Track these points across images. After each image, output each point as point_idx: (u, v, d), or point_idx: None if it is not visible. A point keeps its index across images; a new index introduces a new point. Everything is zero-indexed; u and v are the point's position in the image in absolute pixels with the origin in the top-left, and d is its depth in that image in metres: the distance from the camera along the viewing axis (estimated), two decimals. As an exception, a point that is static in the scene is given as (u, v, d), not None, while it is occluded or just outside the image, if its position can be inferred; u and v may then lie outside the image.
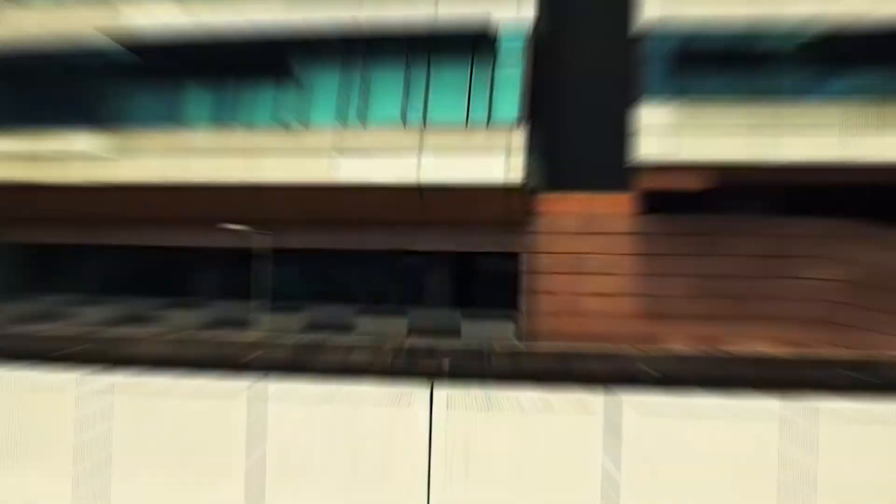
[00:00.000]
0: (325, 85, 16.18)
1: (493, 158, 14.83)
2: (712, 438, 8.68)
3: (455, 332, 16.22)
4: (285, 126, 15.89)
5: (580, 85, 16.12)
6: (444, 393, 9.19)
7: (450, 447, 9.02)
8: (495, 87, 15.31)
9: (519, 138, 14.86)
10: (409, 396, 9.20)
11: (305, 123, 15.79)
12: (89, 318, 17.71)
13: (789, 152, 14.06)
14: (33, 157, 16.67)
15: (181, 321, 17.20)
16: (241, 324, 16.54)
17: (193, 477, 9.35)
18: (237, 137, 15.96)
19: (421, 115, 15.35)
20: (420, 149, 15.03)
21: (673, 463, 8.69)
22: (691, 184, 14.46)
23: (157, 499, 9.32)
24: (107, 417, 9.63)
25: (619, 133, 15.26)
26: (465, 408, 9.15)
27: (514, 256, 16.13)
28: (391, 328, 16.14)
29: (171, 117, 16.61)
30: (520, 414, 9.03)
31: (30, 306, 18.11)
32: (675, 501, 8.51)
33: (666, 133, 14.35)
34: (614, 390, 9.04)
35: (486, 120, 15.13)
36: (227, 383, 9.65)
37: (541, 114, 15.97)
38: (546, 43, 16.06)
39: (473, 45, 15.41)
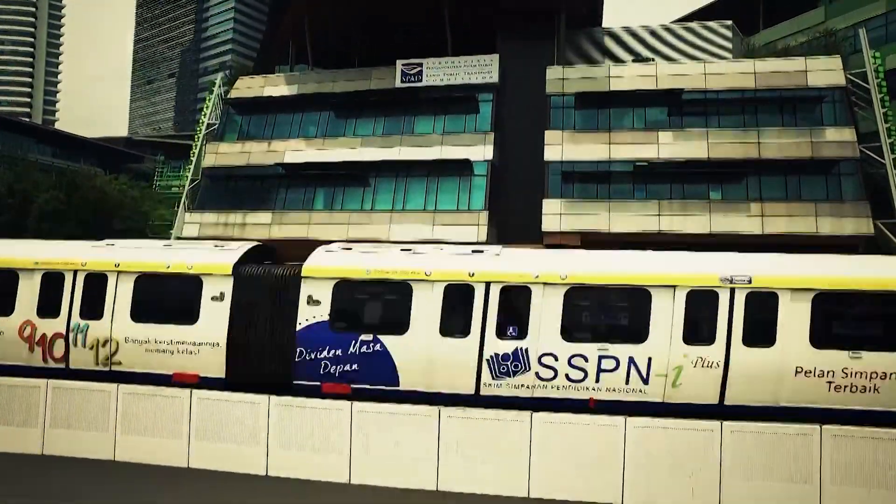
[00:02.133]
0: (385, 187, 30.77)
1: (471, 228, 28.74)
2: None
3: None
4: (363, 209, 30.55)
5: (516, 188, 30.04)
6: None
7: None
8: (471, 191, 29.39)
9: (484, 217, 28.73)
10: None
11: (374, 209, 30.38)
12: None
13: (624, 227, 27.22)
14: (235, 225, 32.02)
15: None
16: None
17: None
18: (339, 215, 30.65)
19: (434, 204, 29.61)
20: (433, 223, 29.19)
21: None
22: (571, 241, 27.85)
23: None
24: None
25: (536, 213, 28.82)
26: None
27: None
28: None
29: (305, 204, 31.57)
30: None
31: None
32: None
33: (556, 215, 27.88)
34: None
35: (467, 207, 29.19)
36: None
37: (496, 203, 29.97)
38: (499, 167, 30.19)
39: (460, 169, 29.64)
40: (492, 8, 32.09)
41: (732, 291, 11.39)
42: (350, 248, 14.12)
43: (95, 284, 13.76)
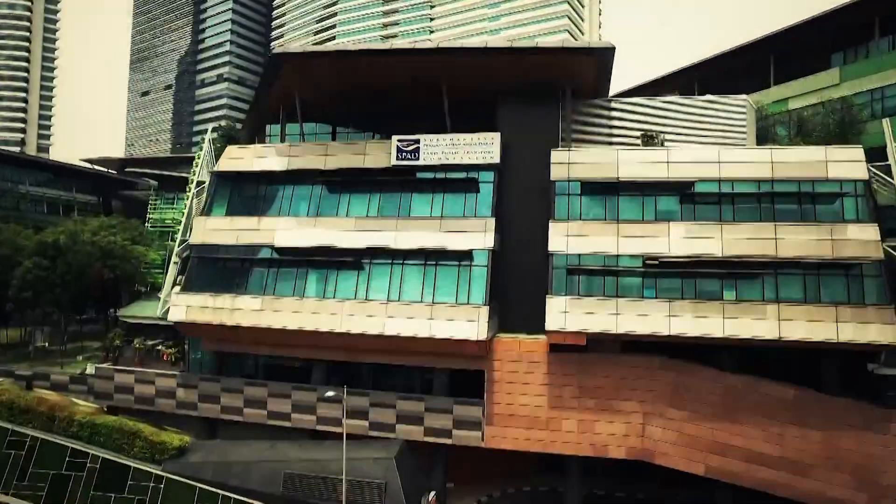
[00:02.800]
0: (380, 273, 29.24)
1: (470, 324, 27.21)
2: None
3: (448, 411, 28.34)
4: (357, 298, 29.00)
5: (519, 276, 28.56)
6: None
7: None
8: (471, 281, 27.86)
9: (485, 312, 27.19)
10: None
11: (369, 298, 28.83)
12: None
13: (633, 327, 25.69)
14: (223, 309, 30.49)
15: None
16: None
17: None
18: (332, 304, 29.11)
19: (431, 296, 28.06)
20: (431, 316, 27.65)
21: None
22: (576, 340, 26.36)
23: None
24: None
25: (539, 303, 27.26)
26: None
27: (481, 372, 28.33)
28: (415, 407, 28.58)
29: (297, 289, 30.03)
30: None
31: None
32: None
33: (561, 312, 26.35)
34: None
35: (466, 299, 27.63)
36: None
37: (497, 290, 28.49)
38: (500, 252, 28.69)
39: (459, 258, 28.10)
40: (492, 82, 30.57)
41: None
42: None
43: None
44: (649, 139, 30.20)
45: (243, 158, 32.92)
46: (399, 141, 30.19)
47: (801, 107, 37.52)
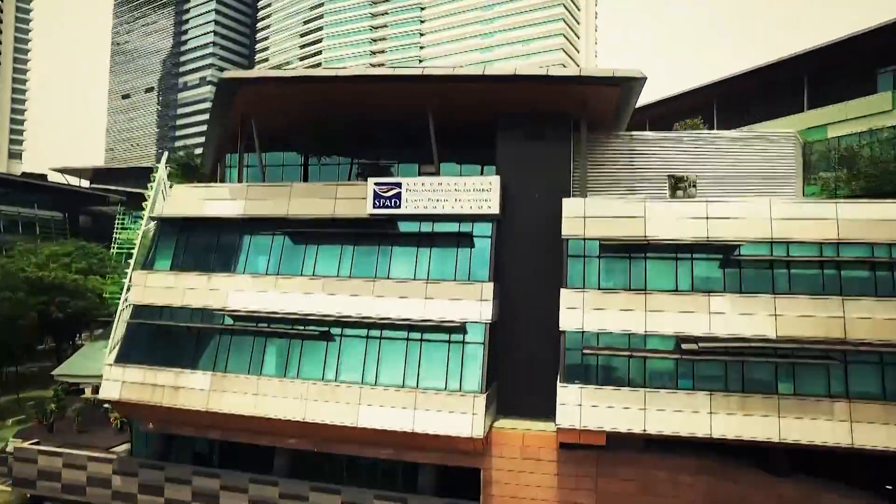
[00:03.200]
0: (353, 350, 24.00)
1: (462, 416, 22.01)
2: None
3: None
4: (326, 380, 23.73)
5: (523, 357, 23.41)
6: None
7: None
8: (464, 362, 22.68)
9: (480, 403, 22.01)
10: None
11: (339, 381, 23.56)
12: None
13: (664, 427, 20.59)
14: (165, 387, 25.14)
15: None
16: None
17: None
18: (295, 386, 23.83)
19: (415, 379, 22.85)
20: (415, 405, 22.43)
21: None
22: (594, 440, 21.23)
23: None
24: None
25: (548, 390, 22.15)
26: None
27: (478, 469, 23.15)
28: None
29: (253, 366, 24.73)
30: None
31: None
32: None
33: (575, 406, 21.22)
34: None
35: (458, 386, 22.45)
36: None
37: (494, 371, 23.30)
38: (500, 325, 23.51)
39: (450, 331, 22.90)
40: (490, 110, 25.41)
41: None
42: None
43: None
44: (678, 183, 25.10)
45: (192, 201, 27.55)
46: (376, 185, 24.95)
47: (843, 135, 32.59)
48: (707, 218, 21.74)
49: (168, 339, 26.24)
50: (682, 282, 21.73)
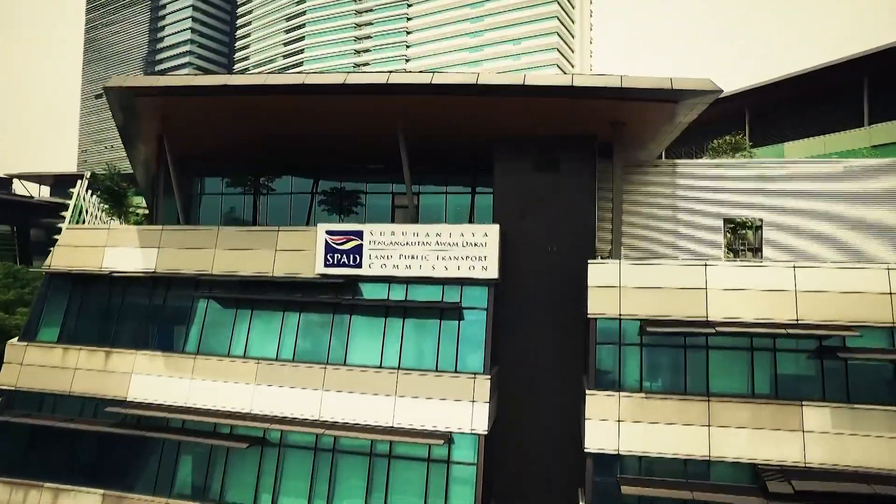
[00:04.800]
0: (297, 466, 17.32)
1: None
2: None
3: None
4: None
5: (530, 484, 16.79)
6: None
7: None
8: (449, 489, 16.06)
9: (471, 550, 15.47)
10: None
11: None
12: None
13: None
14: (38, 512, 18.37)
15: None
16: None
17: None
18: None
19: (381, 514, 16.24)
20: (378, 553, 15.84)
21: None
22: None
23: None
24: None
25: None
26: None
27: None
28: None
29: (161, 483, 18.00)
30: None
31: None
32: None
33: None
34: None
35: (441, 525, 15.87)
36: None
37: (495, 496, 16.68)
38: (497, 438, 16.96)
39: (430, 445, 16.28)
40: (486, 131, 18.82)
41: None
42: None
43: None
44: (739, 229, 18.61)
45: (89, 249, 20.71)
46: (329, 234, 18.22)
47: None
48: (796, 291, 15.24)
49: (49, 440, 19.40)
50: (760, 384, 15.23)
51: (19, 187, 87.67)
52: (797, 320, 15.02)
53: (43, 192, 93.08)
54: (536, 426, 17.29)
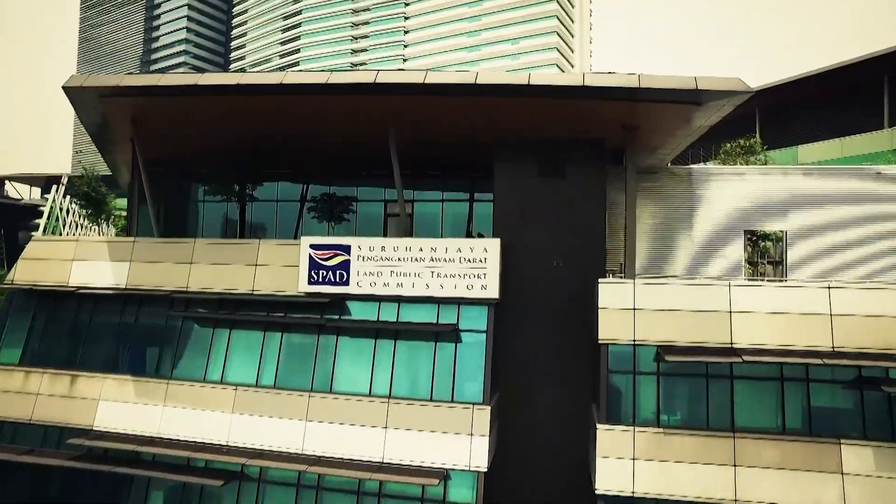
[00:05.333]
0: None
1: None
2: None
3: None
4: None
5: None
6: None
7: None
8: (447, 535, 14.52)
9: None
10: None
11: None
12: None
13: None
14: None
15: None
16: None
17: None
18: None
19: (369, 560, 14.67)
20: None
21: None
22: None
23: None
24: None
25: None
26: None
27: None
28: None
29: None
30: None
31: None
32: None
33: None
34: None
35: (436, 574, 14.30)
36: None
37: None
38: (496, 474, 15.38)
39: (423, 484, 14.69)
40: (485, 133, 17.26)
41: None
42: None
43: None
44: (760, 241, 17.05)
45: (56, 262, 19.09)
46: (313, 248, 16.65)
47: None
48: (832, 314, 13.68)
49: (6, 473, 17.79)
50: (792, 418, 13.68)
51: (11, 189, 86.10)
52: (833, 348, 13.46)
53: (34, 194, 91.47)
54: (541, 462, 15.72)
